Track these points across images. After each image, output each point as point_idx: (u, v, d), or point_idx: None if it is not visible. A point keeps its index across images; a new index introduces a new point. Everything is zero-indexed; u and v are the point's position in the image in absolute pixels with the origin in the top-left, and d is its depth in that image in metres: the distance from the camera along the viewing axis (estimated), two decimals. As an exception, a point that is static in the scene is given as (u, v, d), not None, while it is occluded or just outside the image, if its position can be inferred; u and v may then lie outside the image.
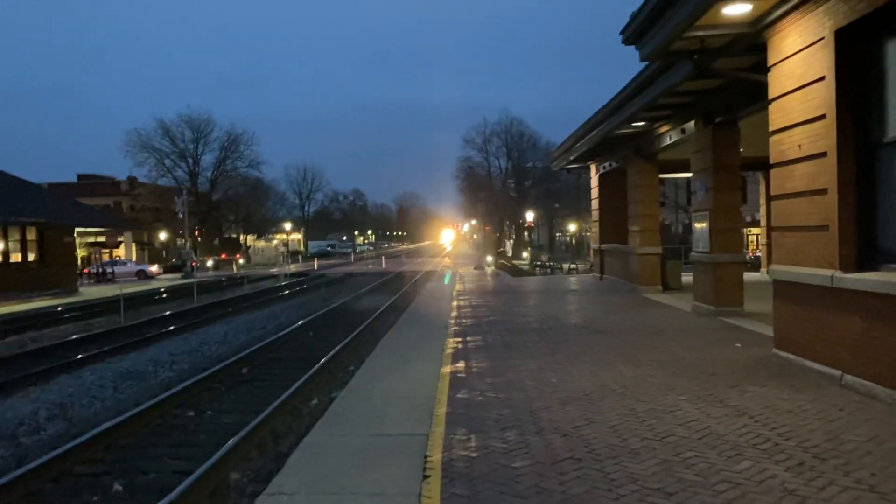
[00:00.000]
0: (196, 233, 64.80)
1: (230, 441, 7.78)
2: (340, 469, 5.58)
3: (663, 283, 19.31)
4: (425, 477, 5.29)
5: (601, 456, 5.57)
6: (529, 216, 61.50)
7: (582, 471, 5.25)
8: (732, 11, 8.52)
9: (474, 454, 5.75)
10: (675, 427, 6.28)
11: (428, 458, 5.71)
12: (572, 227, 79.72)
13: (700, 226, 14.33)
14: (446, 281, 13.86)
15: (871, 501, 4.46)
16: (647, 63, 11.92)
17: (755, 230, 47.95)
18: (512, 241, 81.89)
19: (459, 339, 11.95)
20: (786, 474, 4.98)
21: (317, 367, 12.31)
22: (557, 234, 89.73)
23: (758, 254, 33.37)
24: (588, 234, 48.33)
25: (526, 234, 76.15)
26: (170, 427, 9.42)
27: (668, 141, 16.61)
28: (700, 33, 9.22)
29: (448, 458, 5.66)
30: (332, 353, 13.72)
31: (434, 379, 8.83)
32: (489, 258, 40.49)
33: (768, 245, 21.79)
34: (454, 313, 16.14)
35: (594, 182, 25.54)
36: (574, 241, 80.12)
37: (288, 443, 8.07)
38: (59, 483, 7.25)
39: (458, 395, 7.84)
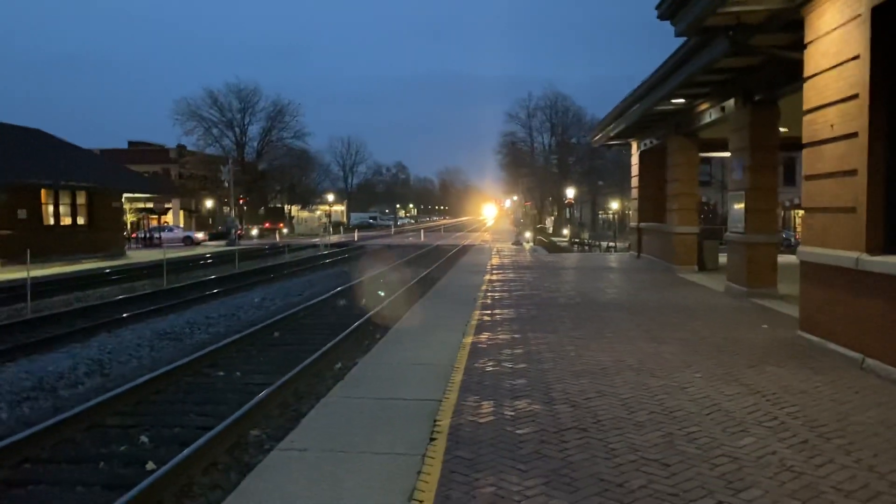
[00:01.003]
0: (241, 201, 65.83)
1: (253, 400, 8.07)
2: (352, 429, 5.76)
3: (699, 263, 19.10)
4: (432, 440, 5.45)
5: (606, 427, 5.65)
6: (570, 193, 61.01)
7: (584, 440, 5.35)
8: (768, -14, 8.36)
9: (482, 420, 5.89)
10: (685, 402, 6.32)
11: (437, 423, 5.87)
12: (615, 205, 78.86)
13: (737, 206, 14.13)
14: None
15: (868, 480, 4.47)
16: (685, 39, 11.76)
17: (802, 212, 46.85)
18: (553, 218, 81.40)
19: (486, 312, 12.07)
20: (786, 451, 5.01)
21: (345, 333, 12.58)
22: (600, 212, 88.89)
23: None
24: (629, 212, 47.79)
25: (567, 211, 75.59)
26: (199, 385, 9.77)
27: (707, 119, 16.35)
28: (735, 9, 9.05)
29: (456, 423, 5.81)
30: (361, 320, 13.98)
31: (455, 348, 8.97)
32: (527, 234, 40.41)
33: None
34: (485, 287, 16.25)
35: (634, 159, 25.26)
36: (617, 220, 79.29)
37: (309, 403, 8.30)
38: (91, 433, 7.63)
39: (476, 365, 7.98)
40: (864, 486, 4.38)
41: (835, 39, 8.06)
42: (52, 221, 31.98)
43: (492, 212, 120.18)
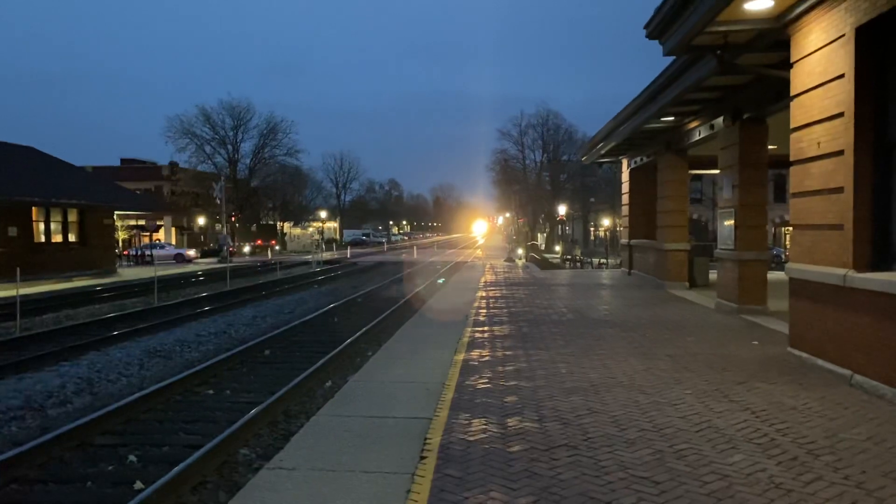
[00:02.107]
0: (233, 218, 65.76)
1: (242, 418, 8.03)
2: (341, 448, 5.74)
3: (690, 280, 19.16)
4: (422, 458, 5.43)
5: (596, 444, 5.65)
6: (562, 210, 61.24)
7: (575, 458, 5.34)
8: (754, 7, 8.48)
9: (472, 438, 5.87)
10: (675, 420, 6.33)
11: (427, 441, 5.85)
12: (606, 222, 79.22)
13: (727, 223, 14.21)
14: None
15: (856, 497, 4.48)
16: (673, 58, 11.89)
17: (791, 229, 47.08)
18: (545, 235, 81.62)
19: (478, 329, 12.06)
20: (776, 468, 5.02)
21: (336, 350, 12.56)
22: (592, 229, 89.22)
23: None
24: (620, 228, 47.98)
25: (559, 227, 75.86)
26: (189, 404, 9.71)
27: (697, 136, 16.47)
28: (723, 28, 9.16)
29: (447, 442, 5.80)
30: (352, 338, 13.96)
31: (447, 366, 8.96)
32: (520, 251, 40.47)
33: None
34: (477, 303, 16.25)
35: (625, 176, 25.39)
36: (608, 236, 79.60)
37: (299, 422, 8.28)
38: (79, 452, 7.56)
39: (467, 382, 7.97)
40: (853, 502, 4.39)
41: (820, 59, 8.17)
42: (42, 239, 31.87)
43: (482, 228, 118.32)
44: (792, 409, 6.62)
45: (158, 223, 66.93)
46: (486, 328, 12.15)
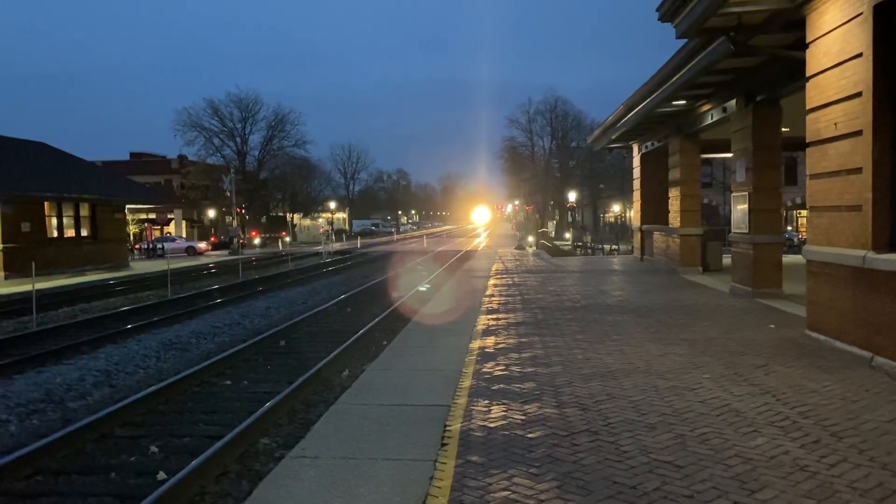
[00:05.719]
0: (241, 210, 65.86)
1: (262, 408, 8.07)
2: (362, 436, 5.76)
3: (703, 265, 19.08)
4: (443, 445, 5.44)
5: (617, 429, 5.65)
6: (571, 196, 61.02)
7: (596, 443, 5.34)
8: (769, -14, 8.38)
9: (492, 425, 5.88)
10: (695, 404, 6.32)
11: (447, 428, 5.86)
12: (616, 208, 78.98)
13: (740, 206, 14.13)
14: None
15: (882, 478, 4.46)
16: (686, 41, 11.78)
17: (804, 212, 46.84)
18: (555, 222, 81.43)
19: (492, 316, 12.07)
20: (799, 451, 5.00)
21: (351, 340, 12.59)
22: (602, 215, 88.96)
23: (805, 237, 32.63)
24: (630, 214, 47.73)
25: (569, 214, 75.65)
26: (207, 395, 9.77)
27: (709, 120, 16.36)
28: (736, 9, 9.07)
29: (466, 428, 5.81)
30: (366, 328, 13.98)
31: (462, 353, 8.96)
32: (530, 238, 40.36)
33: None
34: (490, 291, 16.25)
35: (636, 162, 25.28)
36: (618, 222, 79.34)
37: (318, 411, 8.31)
38: (100, 444, 7.63)
39: (484, 369, 7.97)
40: (879, 484, 4.37)
41: (836, 38, 8.08)
42: (55, 234, 32.02)
43: (485, 216, 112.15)
44: (813, 392, 6.59)
45: (169, 216, 67.36)
46: (500, 315, 12.15)
